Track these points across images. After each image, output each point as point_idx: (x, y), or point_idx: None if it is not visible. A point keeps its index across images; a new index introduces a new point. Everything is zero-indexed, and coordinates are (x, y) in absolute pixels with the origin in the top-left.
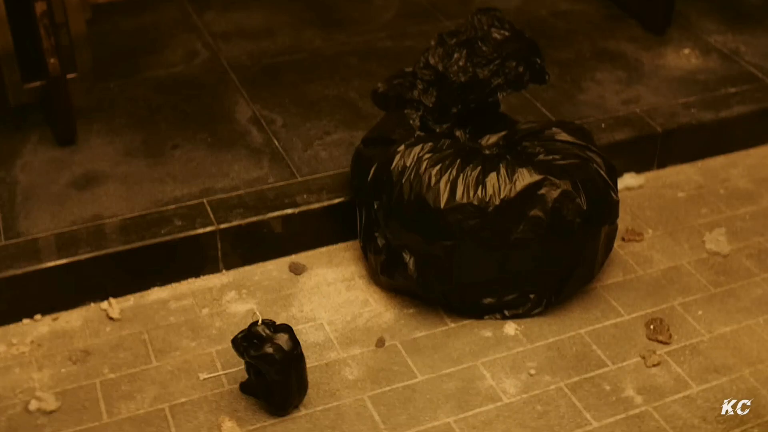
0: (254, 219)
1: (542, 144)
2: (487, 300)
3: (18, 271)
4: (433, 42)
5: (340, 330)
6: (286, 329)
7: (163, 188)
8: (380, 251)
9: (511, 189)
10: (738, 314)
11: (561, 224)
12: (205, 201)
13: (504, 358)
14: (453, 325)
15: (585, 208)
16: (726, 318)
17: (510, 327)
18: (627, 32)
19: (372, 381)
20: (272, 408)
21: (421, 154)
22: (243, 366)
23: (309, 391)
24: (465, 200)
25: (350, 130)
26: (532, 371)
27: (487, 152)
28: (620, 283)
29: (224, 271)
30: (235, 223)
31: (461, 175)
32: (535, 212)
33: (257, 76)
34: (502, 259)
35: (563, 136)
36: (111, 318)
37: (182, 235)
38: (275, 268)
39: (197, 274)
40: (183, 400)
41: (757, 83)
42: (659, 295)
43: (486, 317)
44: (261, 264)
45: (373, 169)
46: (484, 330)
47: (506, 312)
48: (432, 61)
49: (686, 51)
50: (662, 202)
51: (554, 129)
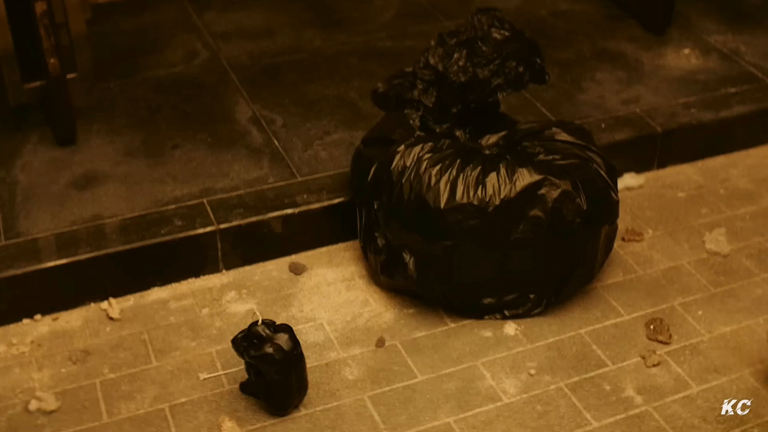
0: (254, 219)
1: (542, 144)
2: (487, 300)
3: (18, 271)
4: (433, 42)
5: (340, 330)
6: (286, 329)
7: (163, 188)
8: (380, 251)
9: (511, 189)
10: (738, 314)
11: (561, 224)
12: (205, 201)
13: (504, 358)
14: (453, 325)
15: (585, 208)
16: (726, 318)
17: (510, 327)
18: (627, 32)
19: (372, 381)
20: (272, 408)
21: (421, 154)
22: (243, 366)
23: (309, 391)
24: (465, 200)
25: (350, 130)
26: (532, 371)
27: (487, 152)
28: (620, 283)
29: (224, 271)
30: (235, 223)
31: (461, 175)
32: (535, 212)
33: (257, 76)
34: (502, 259)
35: (563, 136)
36: (111, 318)
37: (182, 235)
38: (275, 268)
39: (197, 274)
40: (183, 400)
41: (757, 83)
42: (659, 295)
43: (486, 317)
44: (261, 264)
45: (373, 169)
46: (484, 330)
47: (506, 312)
48: (432, 61)
49: (686, 51)
50: (662, 202)
51: (554, 129)
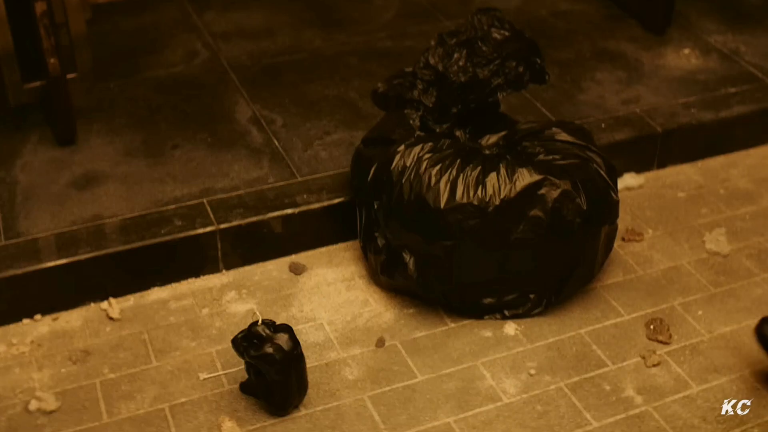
0: (254, 219)
1: (542, 144)
2: (487, 300)
3: (18, 271)
4: (433, 42)
5: (340, 330)
6: (286, 329)
7: (163, 188)
8: (380, 251)
9: (511, 189)
10: (738, 314)
11: (561, 224)
12: (205, 201)
13: (504, 358)
14: (453, 325)
15: (585, 208)
16: (726, 318)
17: (510, 327)
18: (627, 32)
19: (372, 381)
20: (272, 408)
21: (421, 154)
22: (243, 366)
23: (309, 391)
24: (465, 200)
25: (350, 130)
26: (532, 371)
27: (487, 152)
28: (620, 283)
29: (224, 271)
30: (235, 223)
31: (461, 175)
32: (535, 212)
33: (257, 76)
34: (502, 259)
35: (563, 136)
36: (111, 318)
37: (182, 235)
38: (275, 268)
39: (197, 274)
40: (183, 400)
41: (757, 83)
42: (659, 295)
43: (486, 317)
44: (261, 264)
45: (373, 169)
46: (484, 330)
47: (506, 312)
48: (432, 61)
49: (686, 51)
50: (662, 202)
51: (554, 129)
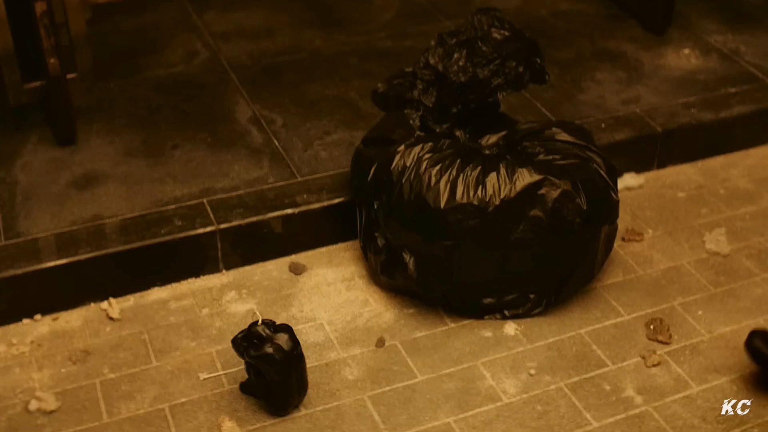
0: (254, 219)
1: (542, 144)
2: (487, 300)
3: (18, 271)
4: (433, 42)
5: (340, 330)
6: (286, 329)
7: (163, 188)
8: (380, 251)
9: (511, 189)
10: (738, 314)
11: (561, 224)
12: (205, 201)
13: (504, 358)
14: (453, 325)
15: (585, 208)
16: (726, 318)
17: (510, 327)
18: (627, 32)
19: (372, 381)
20: (272, 408)
21: (421, 154)
22: (243, 366)
23: (309, 391)
24: (465, 200)
25: (350, 130)
26: (532, 371)
27: (487, 152)
28: (620, 283)
29: (224, 271)
30: (235, 223)
31: (461, 175)
32: (535, 212)
33: (257, 76)
34: (502, 259)
35: (563, 136)
36: (111, 318)
37: (182, 235)
38: (275, 268)
39: (197, 274)
40: (183, 400)
41: (757, 83)
42: (659, 295)
43: (486, 317)
44: (261, 264)
45: (373, 169)
46: (484, 330)
47: (506, 312)
48: (432, 61)
49: (686, 51)
50: (662, 202)
51: (554, 129)
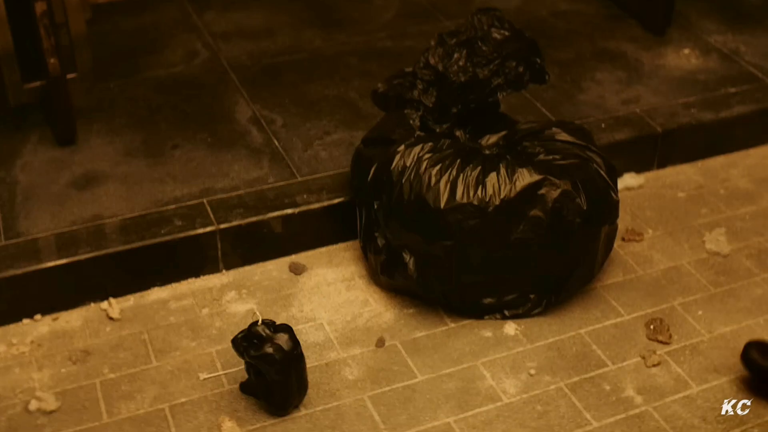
0: (254, 219)
1: (542, 144)
2: (487, 300)
3: (18, 271)
4: (433, 42)
5: (340, 330)
6: (286, 329)
7: (163, 188)
8: (380, 251)
9: (511, 189)
10: (738, 314)
11: (561, 224)
12: (205, 201)
13: (504, 358)
14: (453, 325)
15: (585, 208)
16: (726, 318)
17: (510, 327)
18: (627, 32)
19: (372, 381)
20: (272, 408)
21: (421, 154)
22: (243, 366)
23: (309, 391)
24: (465, 200)
25: (350, 130)
26: (532, 371)
27: (487, 152)
28: (620, 283)
29: (224, 271)
30: (235, 223)
31: (461, 175)
32: (535, 212)
33: (257, 76)
34: (502, 259)
35: (563, 136)
36: (111, 318)
37: (182, 235)
38: (275, 268)
39: (197, 274)
40: (183, 400)
41: (757, 83)
42: (659, 295)
43: (486, 317)
44: (261, 264)
45: (373, 169)
46: (484, 330)
47: (506, 312)
48: (432, 61)
49: (686, 51)
50: (662, 202)
51: (554, 129)
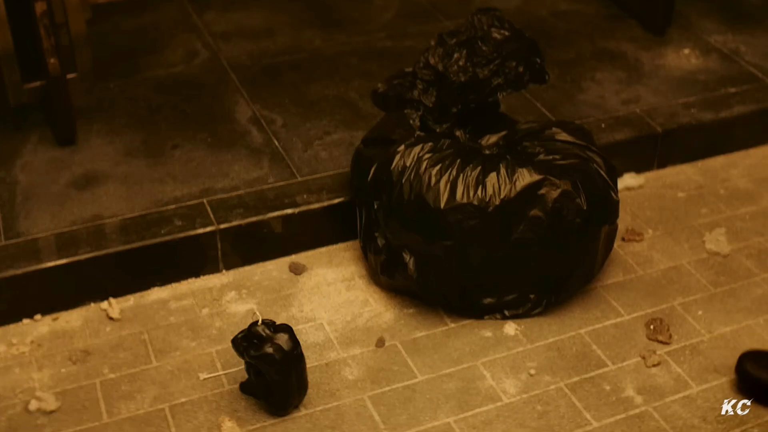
0: (254, 219)
1: (542, 144)
2: (487, 300)
3: (18, 271)
4: (433, 42)
5: (340, 330)
6: (286, 329)
7: (163, 188)
8: (380, 251)
9: (511, 189)
10: (738, 314)
11: (561, 224)
12: (205, 201)
13: (504, 358)
14: (453, 325)
15: (585, 208)
16: (726, 318)
17: (510, 327)
18: (627, 32)
19: (372, 381)
20: (272, 408)
21: (421, 154)
22: (243, 366)
23: (309, 391)
24: (465, 200)
25: (350, 130)
26: (532, 371)
27: (487, 152)
28: (620, 283)
29: (224, 271)
30: (235, 223)
31: (461, 175)
32: (535, 212)
33: (257, 76)
34: (502, 259)
35: (563, 136)
36: (111, 318)
37: (182, 235)
38: (275, 268)
39: (197, 274)
40: (183, 400)
41: (757, 83)
42: (659, 295)
43: (486, 317)
44: (261, 264)
45: (373, 169)
46: (484, 330)
47: (506, 312)
48: (432, 61)
49: (686, 51)
50: (662, 202)
51: (554, 129)
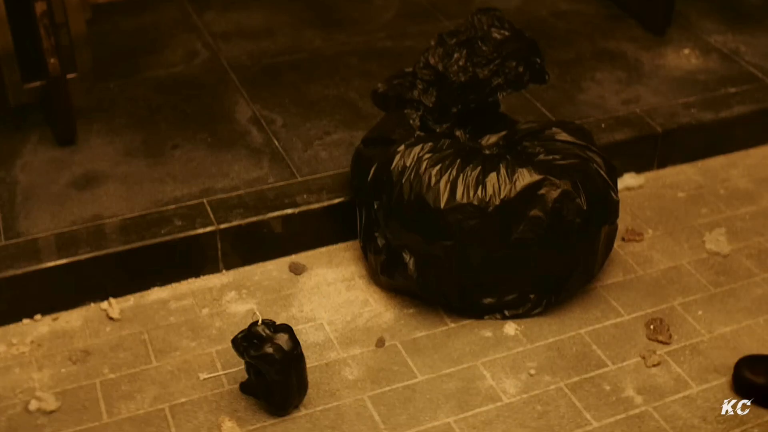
0: (254, 219)
1: (542, 144)
2: (487, 300)
3: (18, 271)
4: (433, 42)
5: (340, 330)
6: (286, 329)
7: (163, 188)
8: (380, 251)
9: (511, 189)
10: (738, 314)
11: (561, 224)
12: (205, 201)
13: (504, 358)
14: (453, 325)
15: (585, 208)
16: (726, 318)
17: (510, 327)
18: (627, 32)
19: (372, 381)
20: (272, 408)
21: (421, 154)
22: (243, 366)
23: (309, 391)
24: (465, 200)
25: (350, 130)
26: (532, 371)
27: (487, 152)
28: (620, 283)
29: (224, 271)
30: (235, 223)
31: (461, 175)
32: (535, 212)
33: (257, 76)
34: (502, 259)
35: (563, 136)
36: (111, 318)
37: (182, 235)
38: (275, 268)
39: (197, 274)
40: (183, 400)
41: (757, 83)
42: (659, 295)
43: (486, 317)
44: (261, 264)
45: (373, 169)
46: (484, 330)
47: (506, 312)
48: (432, 61)
49: (686, 51)
50: (662, 202)
51: (554, 129)
